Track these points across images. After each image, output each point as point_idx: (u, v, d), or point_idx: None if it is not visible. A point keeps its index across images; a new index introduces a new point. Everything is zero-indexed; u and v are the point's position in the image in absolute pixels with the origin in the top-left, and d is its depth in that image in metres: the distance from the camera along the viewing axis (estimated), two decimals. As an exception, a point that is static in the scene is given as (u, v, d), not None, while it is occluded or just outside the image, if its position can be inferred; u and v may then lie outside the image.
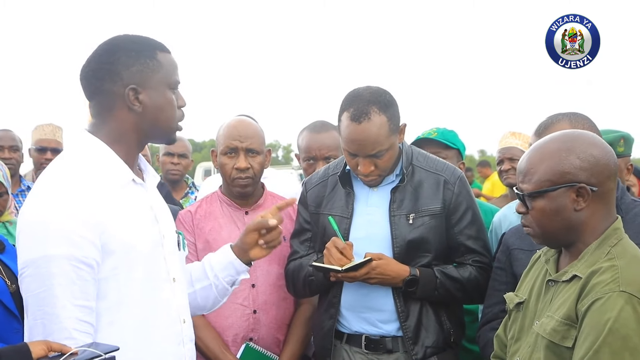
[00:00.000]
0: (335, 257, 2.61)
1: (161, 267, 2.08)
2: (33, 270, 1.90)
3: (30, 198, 1.98)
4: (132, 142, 2.08)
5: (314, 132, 3.45)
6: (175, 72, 2.11)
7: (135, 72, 2.03)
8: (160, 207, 2.17)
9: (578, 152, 1.91)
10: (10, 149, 4.92)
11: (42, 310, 1.89)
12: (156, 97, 2.06)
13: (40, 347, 1.75)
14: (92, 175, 1.99)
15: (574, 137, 1.96)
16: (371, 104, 2.59)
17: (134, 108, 2.04)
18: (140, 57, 2.04)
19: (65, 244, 1.88)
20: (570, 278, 1.91)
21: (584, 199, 1.90)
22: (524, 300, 2.08)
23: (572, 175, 1.89)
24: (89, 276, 1.91)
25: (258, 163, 2.96)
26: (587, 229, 1.93)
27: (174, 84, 2.10)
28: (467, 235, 2.73)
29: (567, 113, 2.56)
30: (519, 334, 2.06)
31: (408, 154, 2.78)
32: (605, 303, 1.77)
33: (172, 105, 2.09)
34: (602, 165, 1.91)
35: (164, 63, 2.07)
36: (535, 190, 1.93)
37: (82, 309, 1.89)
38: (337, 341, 2.78)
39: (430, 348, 2.68)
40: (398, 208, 2.70)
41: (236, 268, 2.34)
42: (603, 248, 1.90)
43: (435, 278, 2.67)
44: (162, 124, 2.09)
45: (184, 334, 2.13)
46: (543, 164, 1.93)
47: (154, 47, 2.09)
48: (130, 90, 2.03)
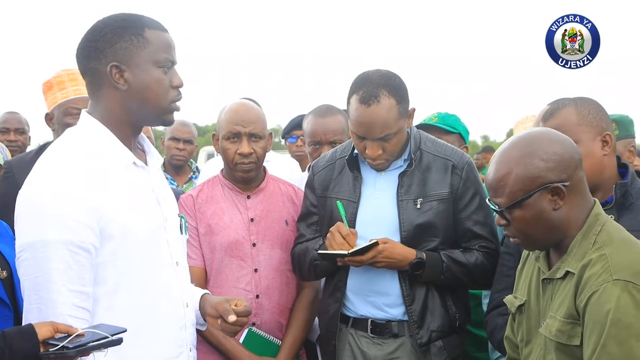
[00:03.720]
0: (337, 242, 2.60)
1: (163, 250, 2.07)
2: (30, 254, 1.88)
3: (29, 179, 1.96)
4: (123, 122, 2.04)
5: (319, 116, 3.43)
6: (165, 50, 2.03)
7: (119, 49, 1.98)
8: (162, 189, 2.14)
9: (540, 154, 1.90)
10: (17, 132, 4.95)
11: (37, 294, 1.88)
12: (142, 75, 2.00)
13: (46, 329, 1.75)
14: (91, 158, 1.97)
15: (531, 139, 1.95)
16: (381, 87, 2.57)
17: (118, 86, 1.99)
18: (125, 34, 1.99)
19: (63, 228, 1.86)
20: (564, 275, 1.91)
21: (560, 197, 1.90)
22: (524, 302, 2.08)
23: (541, 178, 1.89)
24: (86, 261, 1.89)
25: (261, 147, 2.94)
26: (570, 223, 1.93)
27: (163, 62, 2.02)
28: (474, 220, 2.72)
29: (574, 98, 2.51)
30: (528, 336, 2.06)
31: (416, 138, 2.76)
32: (602, 295, 1.78)
33: (160, 84, 2.02)
34: (567, 159, 1.91)
35: (151, 40, 2.01)
36: (510, 203, 1.92)
37: (78, 294, 1.88)
38: (343, 325, 2.78)
39: (435, 332, 2.68)
40: (406, 193, 2.69)
41: (198, 319, 2.25)
42: (589, 238, 1.90)
43: (441, 262, 2.66)
44: (150, 103, 2.02)
45: (186, 318, 2.12)
46: (511, 175, 1.92)
47: (143, 24, 2.02)
48: (113, 67, 1.98)
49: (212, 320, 2.20)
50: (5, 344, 1.69)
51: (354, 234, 2.63)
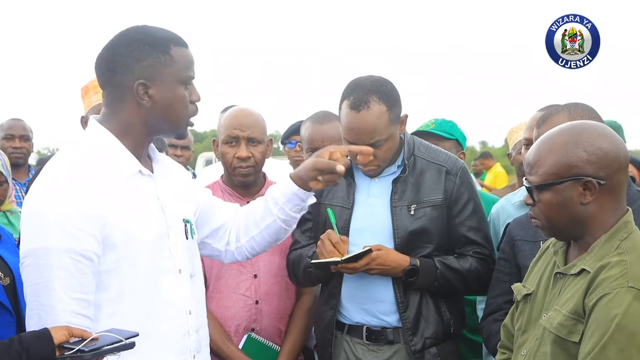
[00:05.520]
0: (327, 249, 2.60)
1: (166, 258, 2.08)
2: (32, 260, 1.91)
3: (35, 186, 1.99)
4: (140, 135, 2.07)
5: (317, 122, 3.44)
6: (188, 68, 2.08)
7: (147, 66, 2.01)
8: (169, 197, 2.15)
9: (586, 145, 1.88)
10: (21, 138, 5.00)
11: (38, 301, 1.91)
12: (166, 92, 2.03)
13: (61, 333, 1.78)
14: (96, 167, 1.99)
15: (582, 129, 1.94)
16: (371, 93, 2.58)
17: (143, 103, 2.03)
18: (153, 51, 2.02)
19: (65, 236, 1.89)
20: (579, 272, 1.90)
21: (591, 192, 1.88)
22: (531, 292, 2.07)
23: (578, 168, 1.88)
24: (88, 269, 1.92)
25: (259, 152, 2.95)
26: (596, 222, 1.91)
27: (186, 80, 2.07)
28: (468, 226, 2.72)
29: (567, 104, 2.53)
30: (526, 326, 2.05)
31: (410, 144, 2.77)
32: (613, 299, 1.76)
33: (182, 101, 2.06)
34: (610, 158, 1.89)
35: (176, 58, 2.04)
36: (541, 183, 1.92)
37: (79, 302, 1.91)
38: (338, 332, 2.78)
39: (429, 339, 2.68)
40: (399, 199, 2.70)
41: (300, 197, 2.34)
42: (612, 242, 1.89)
43: (435, 268, 2.66)
44: (170, 120, 2.07)
45: (189, 325, 2.12)
46: (550, 157, 1.91)
47: (169, 40, 2.05)
48: (140, 85, 2.01)
49: (314, 184, 2.31)
50: (22, 348, 1.74)
51: (345, 242, 2.62)
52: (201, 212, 2.36)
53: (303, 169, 2.32)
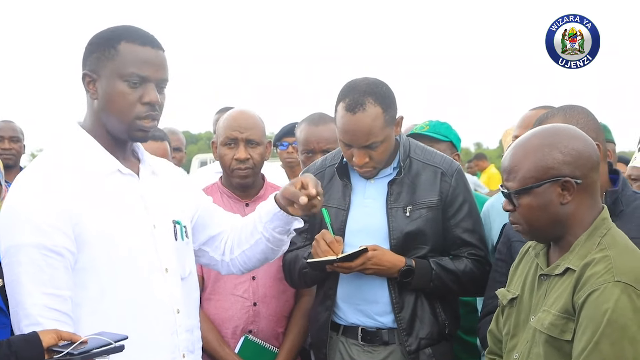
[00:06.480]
0: (322, 249, 2.60)
1: (152, 257, 2.08)
2: (7, 259, 1.93)
3: (12, 187, 2.02)
4: (103, 131, 2.07)
5: (313, 124, 3.44)
6: (135, 65, 2.01)
7: (94, 59, 2.04)
8: (155, 197, 2.15)
9: (560, 147, 1.93)
10: (11, 140, 5.03)
11: (13, 298, 1.93)
12: (107, 86, 2.03)
13: (50, 336, 1.78)
14: (71, 166, 2.00)
15: (555, 131, 1.99)
16: (367, 95, 2.59)
17: (91, 95, 2.05)
18: (101, 45, 2.03)
19: (35, 232, 1.90)
20: (564, 271, 1.93)
21: (570, 192, 1.92)
22: (517, 296, 2.09)
23: (555, 170, 1.92)
24: (60, 264, 1.92)
25: (258, 154, 2.96)
26: (575, 221, 1.95)
27: (128, 76, 2.01)
28: (463, 228, 2.74)
29: (563, 106, 2.53)
30: (515, 330, 2.07)
31: (405, 146, 2.77)
32: (601, 294, 1.79)
33: (123, 97, 2.01)
34: (585, 157, 1.93)
35: (123, 53, 2.01)
36: (520, 188, 1.95)
37: (51, 297, 1.90)
38: (333, 333, 2.78)
39: (424, 340, 2.69)
40: (395, 201, 2.71)
41: (282, 219, 2.28)
42: (593, 239, 1.93)
43: (430, 269, 2.67)
44: (114, 116, 2.03)
45: (177, 323, 2.12)
46: (526, 161, 1.95)
47: (122, 36, 2.03)
48: (86, 76, 2.04)
49: (293, 209, 2.23)
50: (10, 352, 1.73)
51: (339, 242, 2.63)
52: (199, 217, 2.36)
53: (280, 192, 2.28)
